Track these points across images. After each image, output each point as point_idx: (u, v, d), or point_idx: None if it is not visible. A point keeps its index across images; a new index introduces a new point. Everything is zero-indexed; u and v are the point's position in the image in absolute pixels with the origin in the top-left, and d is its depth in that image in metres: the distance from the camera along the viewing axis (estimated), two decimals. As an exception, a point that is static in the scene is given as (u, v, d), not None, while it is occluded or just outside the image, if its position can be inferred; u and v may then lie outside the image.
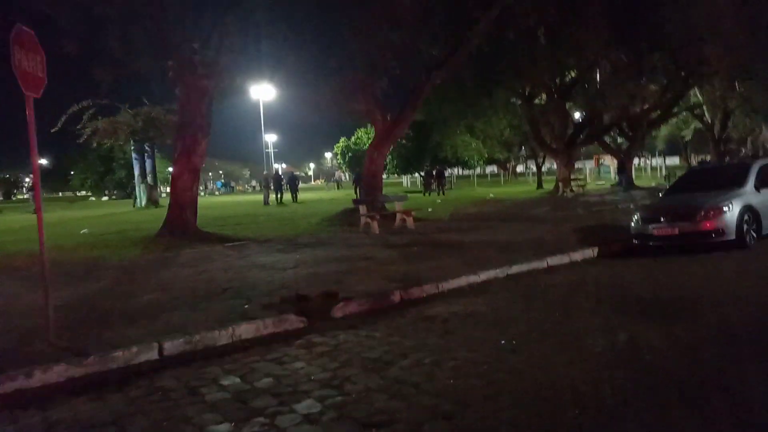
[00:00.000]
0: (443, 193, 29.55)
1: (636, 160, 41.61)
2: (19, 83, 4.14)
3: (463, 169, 49.29)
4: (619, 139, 35.88)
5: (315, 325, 4.87)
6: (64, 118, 24.17)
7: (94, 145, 28.11)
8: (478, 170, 49.39)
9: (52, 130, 24.50)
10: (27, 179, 29.22)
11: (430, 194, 30.12)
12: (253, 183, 78.55)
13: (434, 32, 12.77)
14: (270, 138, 79.78)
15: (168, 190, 16.44)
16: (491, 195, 25.16)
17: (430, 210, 16.83)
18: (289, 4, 11.20)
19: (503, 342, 4.07)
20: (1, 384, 3.56)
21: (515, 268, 6.87)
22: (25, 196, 29.65)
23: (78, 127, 25.12)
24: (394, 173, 50.72)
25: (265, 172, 34.74)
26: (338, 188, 54.32)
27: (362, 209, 11.80)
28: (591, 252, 7.91)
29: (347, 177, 59.06)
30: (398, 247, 9.00)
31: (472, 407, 2.92)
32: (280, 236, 11.17)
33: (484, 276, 6.51)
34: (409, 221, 11.81)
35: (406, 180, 54.16)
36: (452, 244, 9.09)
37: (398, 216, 12.21)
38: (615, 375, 3.26)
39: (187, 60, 10.09)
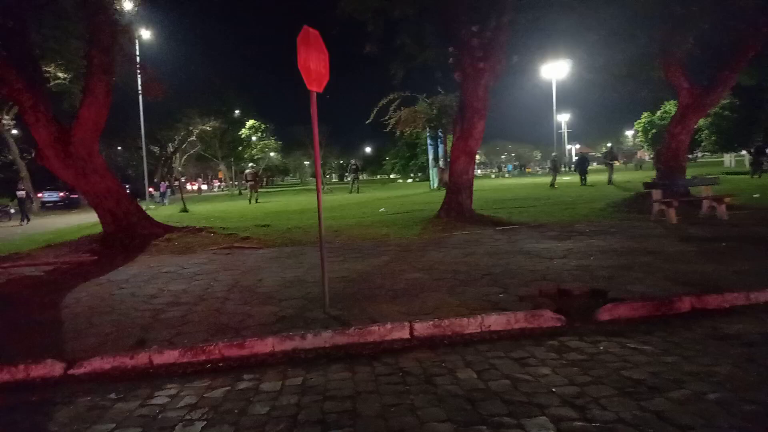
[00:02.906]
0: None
1: None
2: (304, 80, 4.71)
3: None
4: None
5: (573, 326, 4.31)
6: (375, 111, 28.25)
7: (397, 133, 31.82)
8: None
9: (366, 122, 28.96)
10: (352, 161, 36.04)
11: (760, 176, 24.14)
12: (547, 165, 76.99)
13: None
14: (563, 118, 76.73)
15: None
16: None
17: (756, 196, 13.42)
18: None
19: None
20: (283, 342, 4.18)
21: None
22: (348, 179, 36.07)
23: (384, 118, 28.99)
24: (710, 151, 42.71)
25: (554, 154, 33.69)
26: (639, 168, 48.74)
27: (655, 194, 10.08)
28: None
29: (649, 157, 52.41)
30: (698, 242, 7.37)
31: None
32: (555, 222, 10.48)
33: (827, 289, 4.74)
34: (720, 209, 9.56)
35: (728, 159, 44.93)
36: (782, 242, 6.98)
37: (705, 203, 10.04)
38: None
39: (466, 44, 10.26)
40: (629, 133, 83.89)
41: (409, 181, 60.25)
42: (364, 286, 5.77)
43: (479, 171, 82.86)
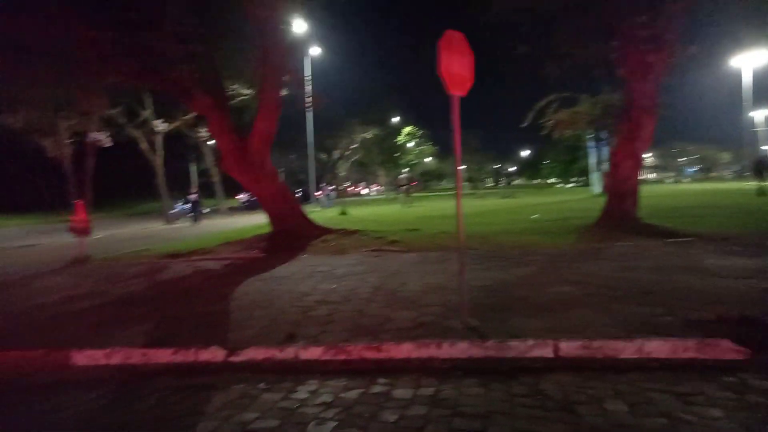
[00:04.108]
0: None
1: None
2: (445, 84, 4.67)
3: None
4: None
5: (758, 360, 3.61)
6: (532, 114, 27.12)
7: (556, 136, 30.15)
8: None
9: (522, 125, 27.94)
10: (503, 167, 35.36)
11: None
12: (737, 167, 66.49)
13: None
14: (758, 114, 65.97)
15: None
16: None
17: None
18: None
19: None
20: (419, 349, 4.16)
21: None
22: (500, 183, 35.36)
23: (542, 120, 27.68)
24: None
25: (761, 154, 29.18)
26: None
27: None
28: None
29: None
30: None
31: None
32: (741, 234, 8.96)
33: None
34: None
35: None
36: None
37: None
38: None
39: (632, 36, 9.29)
40: None
41: (569, 186, 56.83)
42: (505, 297, 5.52)
43: (652, 175, 75.06)
